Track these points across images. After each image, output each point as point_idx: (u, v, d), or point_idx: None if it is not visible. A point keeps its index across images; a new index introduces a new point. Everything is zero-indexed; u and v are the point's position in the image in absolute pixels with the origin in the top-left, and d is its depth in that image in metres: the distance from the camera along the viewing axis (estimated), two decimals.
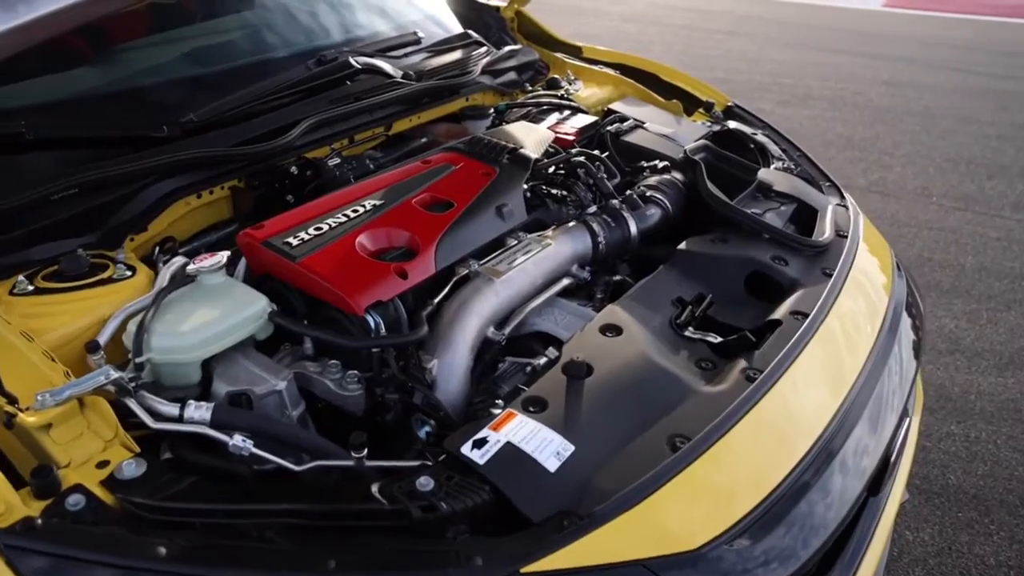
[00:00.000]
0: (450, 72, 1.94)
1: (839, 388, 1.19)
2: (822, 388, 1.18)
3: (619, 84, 2.25)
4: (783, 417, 1.10)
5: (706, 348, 1.23)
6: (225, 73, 1.61)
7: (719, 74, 6.41)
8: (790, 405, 1.12)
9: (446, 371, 1.13)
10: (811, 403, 1.15)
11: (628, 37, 7.46)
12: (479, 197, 1.40)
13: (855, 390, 1.21)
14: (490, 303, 1.22)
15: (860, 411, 1.21)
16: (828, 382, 1.20)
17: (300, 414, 1.11)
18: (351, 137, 1.70)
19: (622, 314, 1.23)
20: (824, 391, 1.18)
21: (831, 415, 1.13)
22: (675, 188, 1.62)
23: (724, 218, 1.53)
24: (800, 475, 1.03)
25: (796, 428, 1.10)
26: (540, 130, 1.70)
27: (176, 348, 1.05)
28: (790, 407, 1.12)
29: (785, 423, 1.10)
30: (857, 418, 1.19)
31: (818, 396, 1.17)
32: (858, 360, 1.28)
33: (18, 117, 1.31)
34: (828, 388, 1.19)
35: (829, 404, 1.15)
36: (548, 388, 1.05)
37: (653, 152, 1.80)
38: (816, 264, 1.44)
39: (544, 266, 1.33)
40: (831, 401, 1.15)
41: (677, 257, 1.43)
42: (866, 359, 1.29)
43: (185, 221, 1.43)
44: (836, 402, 1.16)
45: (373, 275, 1.17)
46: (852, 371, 1.25)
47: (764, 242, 1.48)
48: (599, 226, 1.43)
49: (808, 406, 1.14)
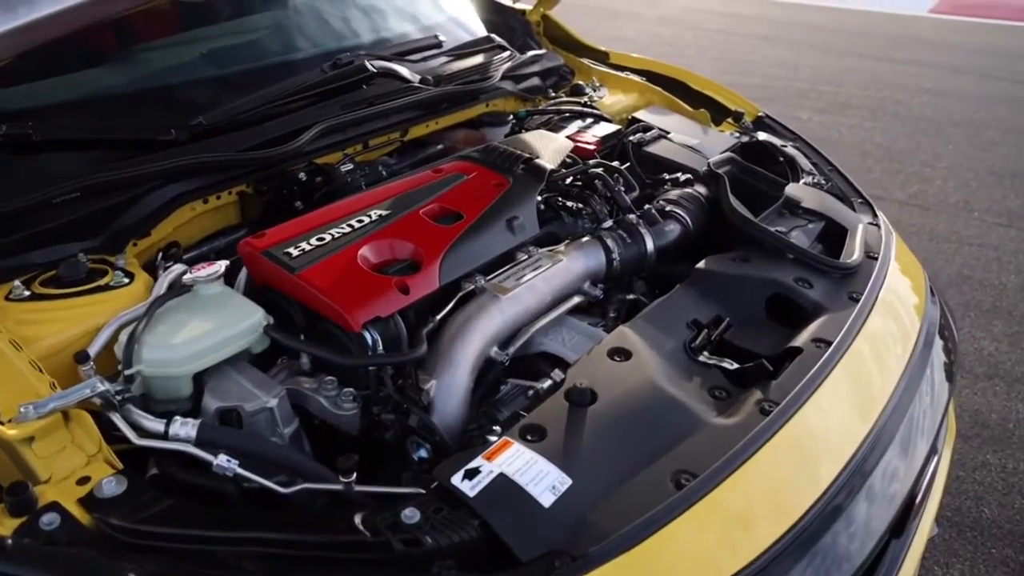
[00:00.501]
0: (470, 77, 1.90)
1: (862, 424, 1.12)
2: (843, 423, 1.11)
3: (645, 91, 2.19)
4: (799, 454, 1.04)
5: (721, 375, 1.16)
6: (237, 75, 1.59)
7: (756, 80, 6.29)
8: (807, 442, 1.05)
9: (444, 392, 1.08)
10: (830, 440, 1.08)
11: (663, 41, 7.36)
12: (489, 209, 1.35)
13: (879, 425, 1.14)
14: (494, 322, 1.17)
15: (885, 447, 1.14)
16: (850, 416, 1.13)
17: (293, 431, 1.07)
18: (365, 142, 1.67)
19: (633, 337, 1.17)
20: (845, 426, 1.11)
21: (851, 453, 1.06)
22: (697, 203, 1.56)
23: (747, 236, 1.46)
24: (815, 518, 0.96)
25: (813, 466, 1.03)
26: (559, 139, 1.65)
27: (166, 361, 1.02)
28: (807, 444, 1.05)
29: (801, 461, 1.03)
30: (881, 455, 1.12)
31: (838, 432, 1.10)
32: (884, 392, 1.20)
33: (27, 118, 1.30)
34: (850, 423, 1.11)
35: (850, 442, 1.08)
36: (548, 415, 1.00)
37: (676, 164, 1.74)
38: (843, 287, 1.36)
39: (554, 283, 1.28)
40: (852, 439, 1.08)
41: (695, 276, 1.37)
42: (893, 390, 1.21)
43: (191, 226, 1.40)
44: (857, 440, 1.08)
45: (373, 289, 1.13)
46: (877, 404, 1.18)
47: (788, 262, 1.40)
48: (614, 242, 1.38)
49: (827, 443, 1.07)
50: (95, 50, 1.46)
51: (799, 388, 1.08)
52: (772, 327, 1.30)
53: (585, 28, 2.45)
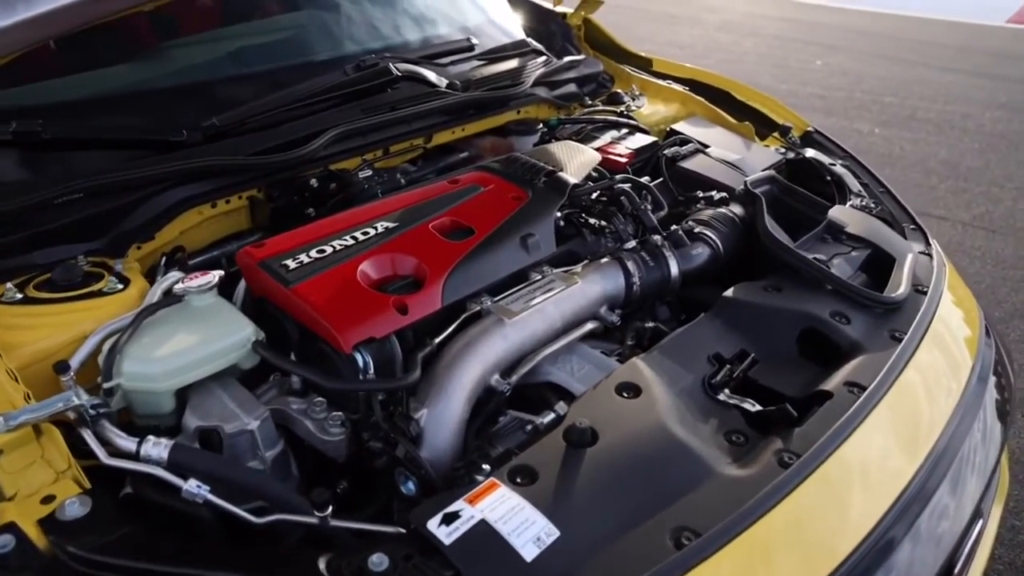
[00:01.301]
0: (501, 82, 1.83)
1: (895, 481, 1.01)
2: (875, 479, 1.01)
3: (687, 102, 2.08)
4: (820, 515, 0.94)
5: (740, 418, 1.07)
6: (256, 76, 1.55)
7: (815, 89, 6.06)
8: (830, 501, 0.95)
9: (436, 423, 1.01)
10: (858, 499, 0.97)
11: (721, 47, 7.17)
12: (503, 224, 1.28)
13: (916, 484, 1.02)
14: (497, 348, 1.10)
15: (922, 508, 1.03)
16: (883, 472, 1.02)
17: (277, 454, 1.02)
18: (386, 148, 1.61)
19: (645, 371, 1.09)
20: (877, 483, 1.00)
21: (880, 516, 0.95)
22: (730, 224, 1.45)
23: (782, 262, 1.35)
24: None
25: (836, 529, 0.93)
26: (586, 151, 1.56)
27: (147, 375, 0.98)
28: (830, 503, 0.95)
29: (823, 522, 0.93)
30: (917, 518, 1.01)
31: (869, 490, 0.99)
32: (924, 446, 1.09)
33: (38, 116, 1.28)
34: (882, 480, 1.01)
35: (880, 503, 0.97)
36: (542, 456, 0.92)
37: (711, 181, 1.64)
38: (884, 324, 1.25)
39: (566, 307, 1.20)
40: (883, 499, 0.97)
41: (720, 305, 1.27)
42: (935, 444, 1.09)
43: (199, 231, 1.37)
44: (888, 500, 0.98)
45: (369, 308, 1.07)
46: (915, 459, 1.06)
47: (825, 294, 1.29)
48: (635, 264, 1.29)
49: (854, 502, 0.97)
50: (109, 48, 1.44)
51: (825, 439, 0.98)
52: (803, 365, 1.19)
53: (643, 33, 2.38)
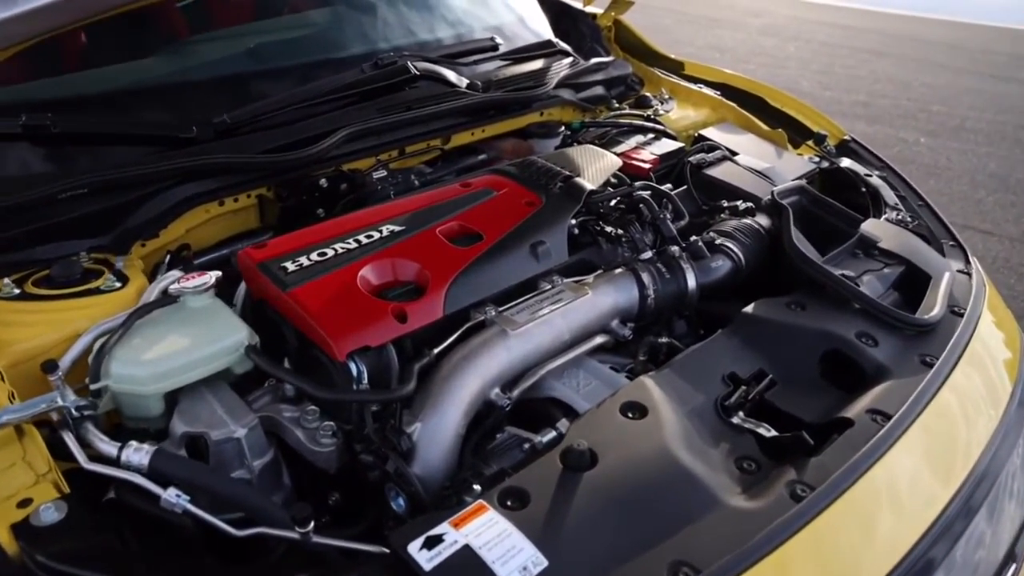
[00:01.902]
0: (524, 83, 1.78)
1: (920, 520, 0.93)
2: (897, 518, 0.94)
3: (718, 107, 2.01)
4: (834, 553, 0.87)
5: (753, 443, 1.00)
6: (271, 73, 1.52)
7: (860, 97, 5.90)
8: (846, 537, 0.88)
9: (429, 437, 0.97)
10: (878, 538, 0.90)
11: (763, 52, 7.02)
12: (514, 231, 1.23)
13: (944, 521, 0.95)
14: (498, 360, 1.05)
15: (949, 548, 0.95)
16: (907, 510, 0.95)
17: (266, 464, 0.98)
18: (402, 149, 1.58)
19: (653, 390, 1.03)
20: (899, 523, 0.93)
21: (902, 556, 0.88)
22: (755, 236, 1.38)
23: (808, 278, 1.28)
24: None
25: (851, 572, 0.86)
26: (607, 156, 1.51)
27: (134, 378, 0.96)
28: (845, 540, 0.88)
29: (836, 563, 0.87)
30: (943, 559, 0.94)
31: (890, 529, 0.92)
32: (954, 481, 1.01)
33: (50, 110, 1.27)
34: (905, 520, 0.93)
35: (902, 541, 0.90)
36: (536, 478, 0.87)
37: (737, 190, 1.57)
38: (915, 348, 1.17)
39: (574, 319, 1.15)
40: (904, 540, 0.90)
41: (739, 322, 1.20)
42: (967, 477, 1.02)
43: (207, 229, 1.35)
44: (912, 538, 0.91)
45: (366, 315, 1.03)
46: (943, 494, 0.99)
47: (852, 313, 1.22)
48: (650, 276, 1.23)
49: (872, 543, 0.90)
50: (122, 43, 1.43)
51: (842, 472, 0.91)
52: (825, 389, 1.12)
53: (683, 36, 2.32)
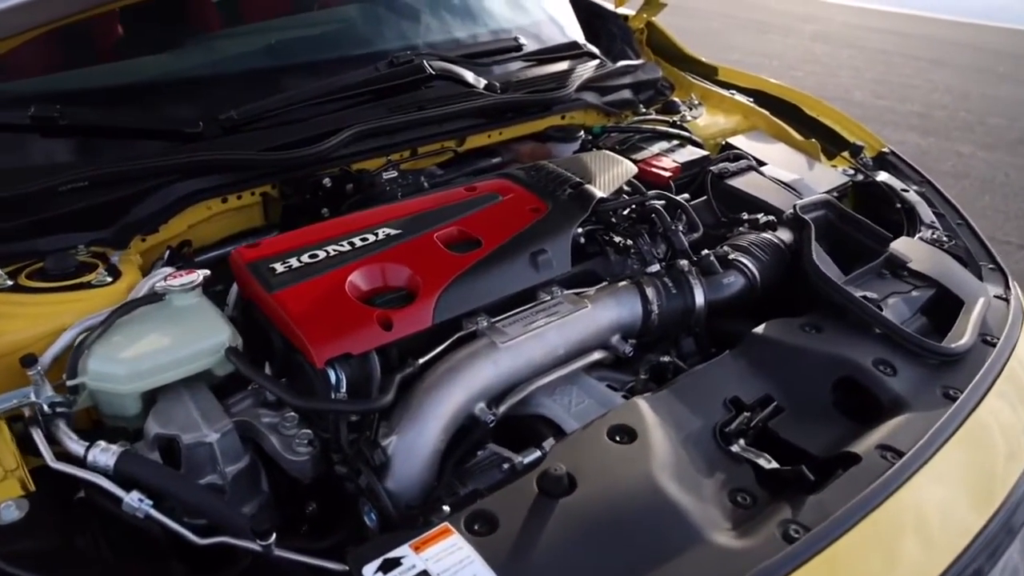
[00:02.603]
0: (545, 85, 1.73)
1: (929, 571, 0.86)
2: (902, 568, 0.86)
3: (750, 114, 1.93)
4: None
5: (751, 475, 0.94)
6: (284, 71, 1.50)
7: (914, 107, 5.69)
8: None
9: (405, 451, 0.93)
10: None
11: (815, 59, 6.83)
12: (514, 238, 1.18)
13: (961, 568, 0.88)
14: (484, 374, 1.01)
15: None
16: (914, 560, 0.87)
17: (241, 470, 0.96)
18: (414, 150, 1.55)
19: (647, 412, 0.97)
20: (906, 573, 0.86)
21: None
22: (773, 252, 1.31)
23: (827, 298, 1.21)
24: None
25: None
26: (623, 162, 1.45)
27: (111, 375, 0.94)
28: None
29: None
30: None
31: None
32: (972, 525, 0.93)
33: (58, 101, 1.27)
34: (912, 570, 0.86)
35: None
36: (508, 502, 0.83)
37: (759, 202, 1.49)
38: (938, 379, 1.09)
39: (571, 333, 1.10)
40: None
41: (748, 343, 1.14)
42: (985, 526, 0.94)
43: (210, 226, 1.33)
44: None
45: (349, 321, 0.99)
46: (960, 540, 0.91)
47: (872, 338, 1.14)
48: (655, 290, 1.17)
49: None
50: (135, 37, 1.43)
51: (842, 513, 0.84)
52: (835, 420, 1.05)
53: (732, 41, 2.25)
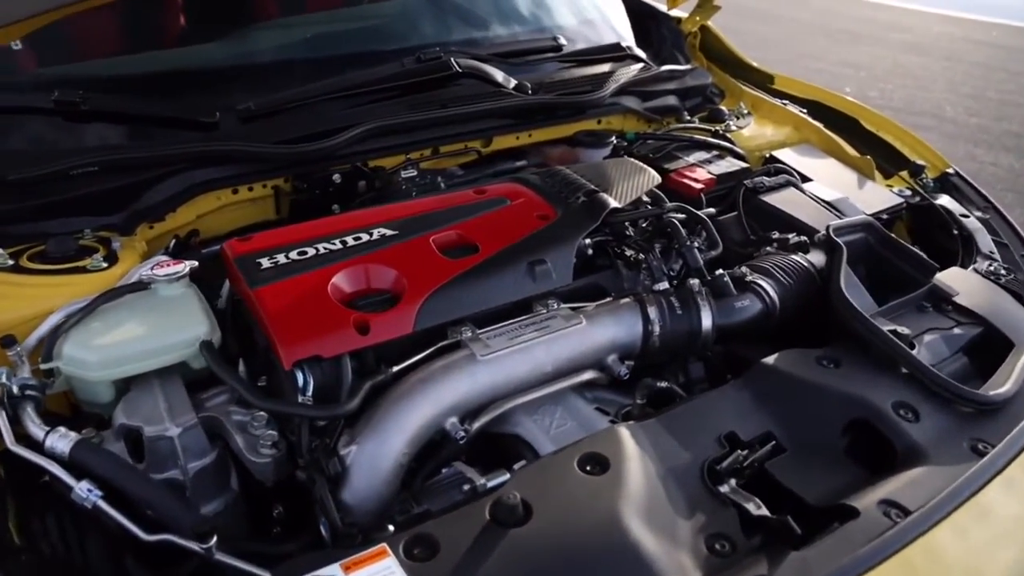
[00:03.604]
0: (580, 87, 1.66)
1: None
2: None
3: (802, 126, 1.81)
4: None
5: (736, 520, 0.86)
6: (307, 63, 1.49)
7: (1012, 126, 5.31)
8: None
9: (364, 463, 0.89)
10: None
11: (904, 71, 6.47)
12: (514, 245, 1.13)
13: None
14: (458, 387, 0.96)
15: None
16: None
17: (205, 466, 0.94)
18: (435, 148, 1.51)
19: (626, 442, 0.90)
20: None
21: None
22: (799, 275, 1.21)
23: (852, 330, 1.10)
24: None
25: None
26: (646, 171, 1.37)
27: (82, 362, 0.94)
28: None
29: None
30: None
31: None
32: None
33: (83, 87, 1.29)
34: None
35: None
36: (455, 527, 0.78)
37: (793, 221, 1.39)
38: (967, 430, 0.97)
39: (560, 351, 1.03)
40: None
41: (755, 373, 1.05)
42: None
43: (220, 217, 1.33)
44: None
45: (324, 322, 0.96)
46: None
47: (897, 378, 1.04)
48: (658, 310, 1.09)
49: None
50: (163, 26, 1.44)
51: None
52: (843, 466, 0.95)
53: (815, 50, 2.14)
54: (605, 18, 2.00)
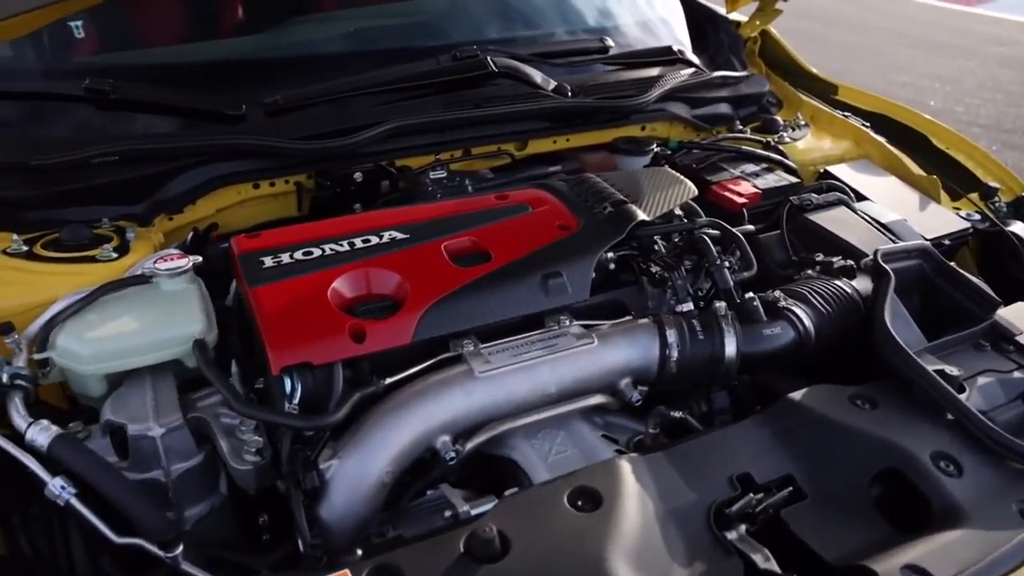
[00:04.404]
0: (624, 91, 1.59)
1: None
2: None
3: (863, 141, 1.69)
4: None
5: (740, 572, 0.78)
6: (341, 57, 1.47)
7: None
8: None
9: (345, 479, 0.84)
10: None
11: (996, 86, 6.09)
12: (529, 256, 1.07)
13: None
14: (452, 404, 0.90)
15: None
16: None
17: (190, 469, 0.92)
18: (467, 150, 1.46)
19: (625, 476, 0.83)
20: None
21: None
22: (841, 303, 1.11)
23: (894, 368, 1.00)
24: None
25: None
26: (683, 183, 1.29)
27: (74, 354, 0.93)
28: None
29: None
30: None
31: None
32: None
33: (115, 76, 1.29)
34: None
35: None
36: (425, 558, 0.72)
37: (841, 242, 1.28)
38: (1017, 491, 0.86)
39: (567, 372, 0.97)
40: None
41: (779, 410, 0.96)
42: None
43: (241, 211, 1.32)
44: None
45: (318, 328, 0.92)
46: None
47: (940, 425, 0.93)
48: (677, 333, 1.01)
49: None
50: (202, 18, 1.44)
51: None
52: (867, 520, 0.86)
53: (899, 60, 2.01)
54: (660, 20, 1.91)
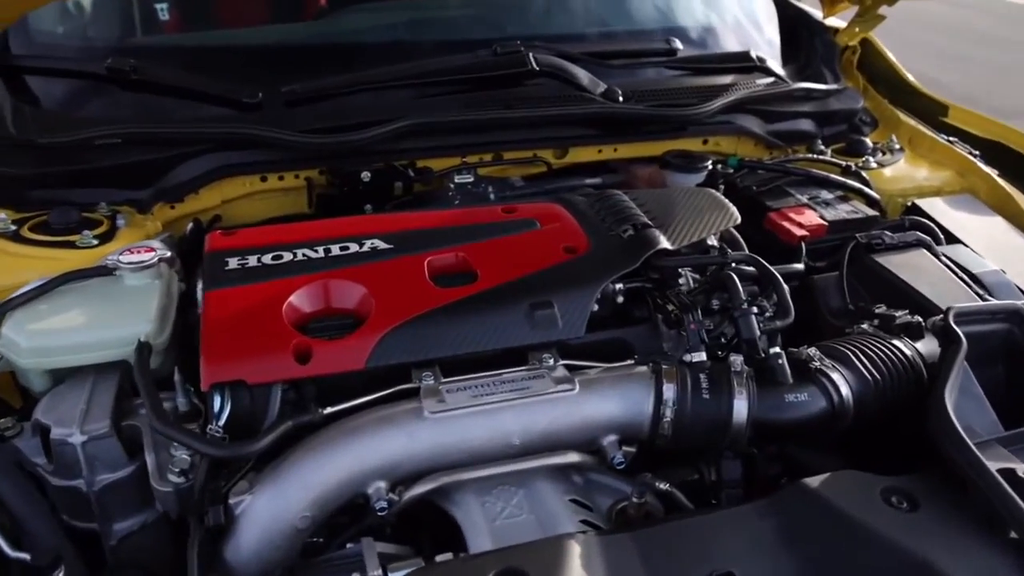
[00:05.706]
0: (684, 99, 1.42)
1: None
2: None
3: (968, 171, 1.44)
4: None
5: None
6: (372, 48, 1.38)
7: None
8: None
9: (255, 518, 0.75)
10: None
11: None
12: (520, 280, 0.94)
13: None
14: (390, 446, 0.78)
15: None
16: None
17: (118, 480, 0.85)
18: (498, 154, 1.34)
19: (571, 561, 0.69)
20: None
21: None
22: (893, 367, 0.90)
23: (948, 458, 0.80)
24: None
25: None
26: (727, 208, 1.12)
27: (14, 346, 0.88)
28: None
29: None
30: None
31: None
32: None
33: (140, 56, 1.26)
34: None
35: None
36: None
37: (912, 293, 1.07)
38: None
39: (536, 421, 0.83)
40: None
41: (788, 496, 0.78)
42: None
43: (248, 204, 1.26)
44: None
45: (260, 343, 0.83)
46: None
47: (995, 544, 0.73)
48: (675, 388, 0.85)
49: None
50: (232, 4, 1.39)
51: None
52: None
53: None
54: (748, 22, 1.72)
